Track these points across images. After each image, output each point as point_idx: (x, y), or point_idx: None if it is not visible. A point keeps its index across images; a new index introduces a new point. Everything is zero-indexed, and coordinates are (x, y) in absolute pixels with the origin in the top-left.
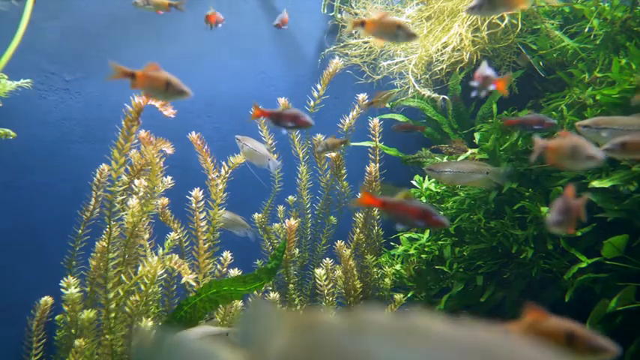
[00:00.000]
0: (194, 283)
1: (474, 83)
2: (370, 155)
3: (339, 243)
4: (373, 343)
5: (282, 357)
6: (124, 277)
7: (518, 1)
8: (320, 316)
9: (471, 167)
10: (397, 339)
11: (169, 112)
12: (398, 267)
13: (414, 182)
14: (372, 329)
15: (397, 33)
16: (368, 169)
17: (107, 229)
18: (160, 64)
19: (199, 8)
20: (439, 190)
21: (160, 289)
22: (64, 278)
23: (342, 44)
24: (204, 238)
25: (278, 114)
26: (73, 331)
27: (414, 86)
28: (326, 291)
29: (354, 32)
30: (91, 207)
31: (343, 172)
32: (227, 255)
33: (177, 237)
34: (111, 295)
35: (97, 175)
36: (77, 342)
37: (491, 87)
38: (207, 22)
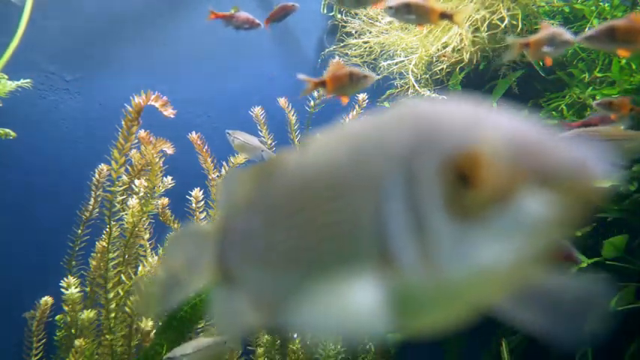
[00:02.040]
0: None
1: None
2: None
3: None
4: (305, 157)
5: (245, 202)
6: (124, 277)
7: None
8: (273, 162)
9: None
10: (321, 146)
11: (169, 112)
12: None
13: None
14: (308, 149)
15: (353, 82)
16: None
17: (107, 229)
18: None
19: (199, 8)
20: None
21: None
22: (64, 278)
23: (342, 44)
24: None
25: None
26: (73, 331)
27: (414, 86)
28: None
29: (354, 32)
30: (91, 207)
31: None
32: None
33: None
34: (111, 295)
35: (96, 175)
36: (77, 342)
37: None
38: (230, 22)
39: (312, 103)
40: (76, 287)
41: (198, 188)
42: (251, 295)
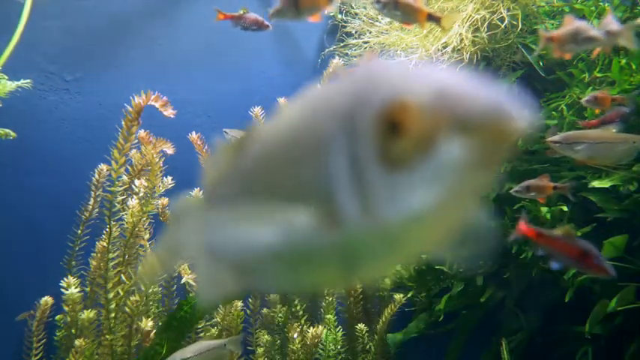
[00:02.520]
0: (194, 283)
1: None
2: None
3: None
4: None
5: (225, 173)
6: (124, 277)
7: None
8: (247, 135)
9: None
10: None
11: (169, 112)
12: (398, 267)
13: None
14: (274, 118)
15: None
16: None
17: (107, 229)
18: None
19: (199, 8)
20: None
21: (159, 289)
22: (64, 278)
23: (342, 44)
24: None
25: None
26: (73, 331)
27: None
28: (326, 291)
29: (354, 32)
30: (90, 207)
31: None
32: None
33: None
34: (111, 295)
35: (96, 175)
36: (77, 342)
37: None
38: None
39: None
40: (76, 287)
41: (198, 188)
42: (230, 260)
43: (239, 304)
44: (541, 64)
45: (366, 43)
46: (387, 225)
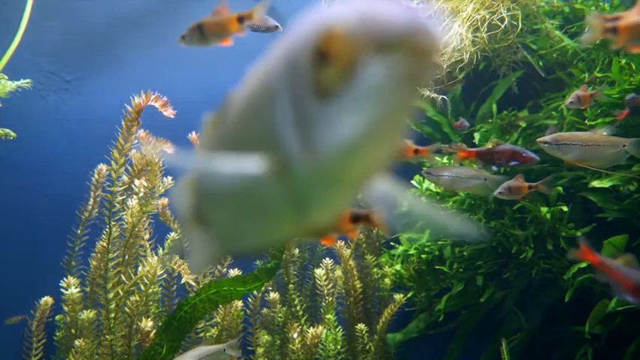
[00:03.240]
0: (194, 284)
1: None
2: None
3: (339, 243)
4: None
5: (210, 140)
6: (123, 278)
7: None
8: (226, 103)
9: (469, 173)
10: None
11: (169, 112)
12: (398, 267)
13: (413, 182)
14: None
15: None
16: None
17: (107, 230)
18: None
19: (199, 8)
20: (439, 191)
21: (159, 289)
22: (64, 278)
23: None
24: None
25: (488, 152)
26: (73, 331)
27: None
28: (326, 291)
29: None
30: (90, 207)
31: None
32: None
33: (178, 237)
34: (111, 296)
35: (95, 175)
36: (77, 342)
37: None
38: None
39: None
40: (76, 287)
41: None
42: (215, 228)
43: (239, 304)
44: (541, 64)
45: None
46: (327, 156)
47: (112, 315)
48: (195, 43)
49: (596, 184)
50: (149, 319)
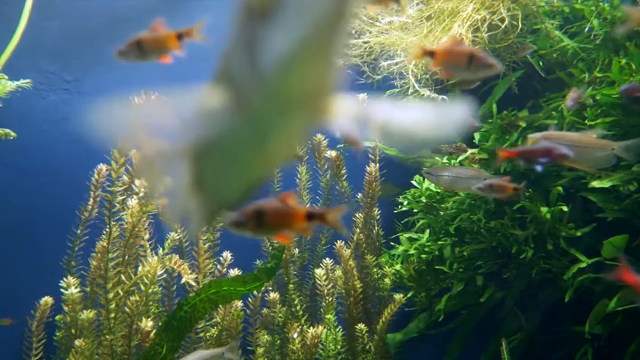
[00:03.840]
0: (194, 283)
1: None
2: (370, 155)
3: (339, 243)
4: None
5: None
6: (123, 278)
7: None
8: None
9: (469, 173)
10: None
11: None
12: (398, 267)
13: (414, 182)
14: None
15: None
16: (368, 169)
17: (107, 229)
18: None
19: (199, 8)
20: (439, 191)
21: (159, 289)
22: (64, 278)
23: None
24: (204, 238)
25: (528, 152)
26: (73, 331)
27: (414, 86)
28: (326, 291)
29: (354, 32)
30: (90, 207)
31: (343, 172)
32: (227, 255)
33: (178, 237)
34: (111, 296)
35: (95, 175)
36: (77, 342)
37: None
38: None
39: None
40: (76, 287)
41: None
42: (206, 186)
43: (239, 304)
44: (541, 64)
45: (366, 42)
46: (269, 73)
47: (112, 315)
48: (132, 58)
49: (596, 184)
50: (149, 319)
